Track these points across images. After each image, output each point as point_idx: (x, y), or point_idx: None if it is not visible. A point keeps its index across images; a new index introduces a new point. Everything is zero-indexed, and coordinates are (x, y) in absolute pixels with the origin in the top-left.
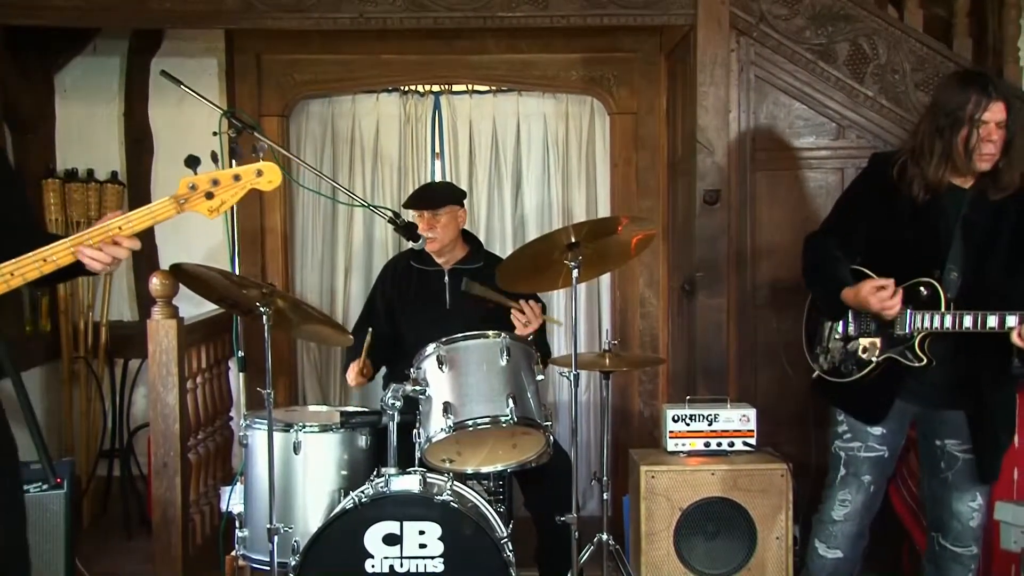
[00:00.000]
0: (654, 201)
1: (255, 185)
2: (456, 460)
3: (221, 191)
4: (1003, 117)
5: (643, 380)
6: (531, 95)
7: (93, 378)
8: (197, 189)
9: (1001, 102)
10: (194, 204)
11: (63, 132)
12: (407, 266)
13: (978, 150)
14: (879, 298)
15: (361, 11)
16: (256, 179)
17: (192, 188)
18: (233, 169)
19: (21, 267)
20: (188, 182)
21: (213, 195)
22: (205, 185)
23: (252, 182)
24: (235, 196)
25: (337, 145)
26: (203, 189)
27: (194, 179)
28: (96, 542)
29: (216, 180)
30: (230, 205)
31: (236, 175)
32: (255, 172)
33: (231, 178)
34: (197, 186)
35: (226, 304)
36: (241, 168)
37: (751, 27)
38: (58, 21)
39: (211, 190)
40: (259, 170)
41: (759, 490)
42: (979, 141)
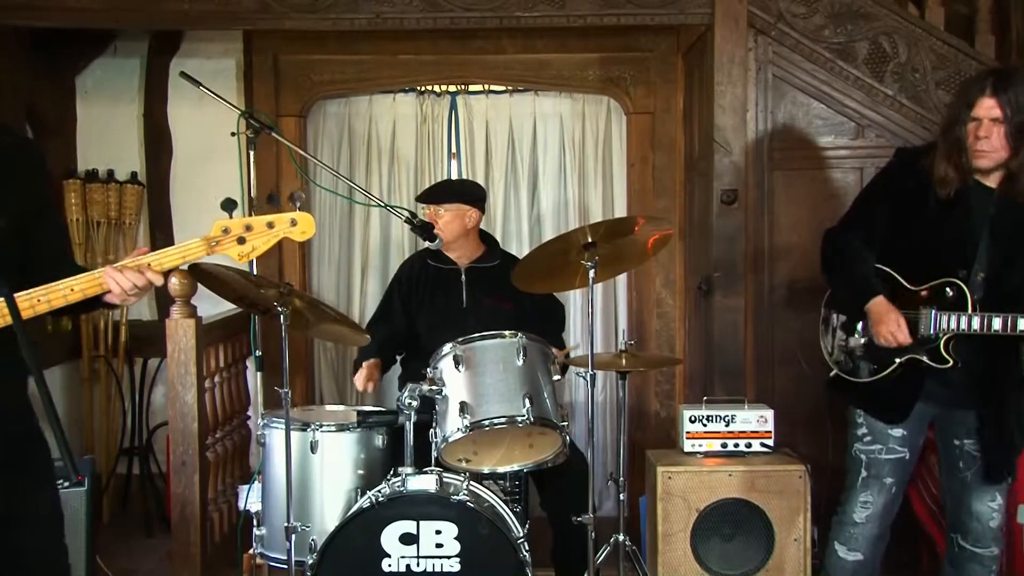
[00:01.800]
0: (671, 201)
1: (288, 234)
2: (472, 460)
3: (253, 237)
4: (997, 114)
5: (659, 380)
6: (547, 95)
7: (113, 377)
8: (230, 233)
9: (993, 99)
10: (225, 247)
11: (84, 133)
12: (424, 265)
13: (973, 146)
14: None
15: (378, 11)
16: (290, 228)
17: (225, 232)
18: (267, 216)
19: (49, 293)
20: (222, 225)
21: (245, 240)
22: (238, 230)
23: (285, 231)
24: (267, 244)
25: (354, 145)
26: (235, 234)
27: (228, 223)
28: (116, 539)
29: (249, 226)
30: (260, 252)
31: (270, 223)
32: (289, 221)
33: (264, 225)
34: (230, 230)
35: (244, 304)
36: (276, 216)
37: (769, 26)
38: (78, 22)
39: (243, 235)
40: (293, 219)
41: (777, 491)
42: (972, 137)
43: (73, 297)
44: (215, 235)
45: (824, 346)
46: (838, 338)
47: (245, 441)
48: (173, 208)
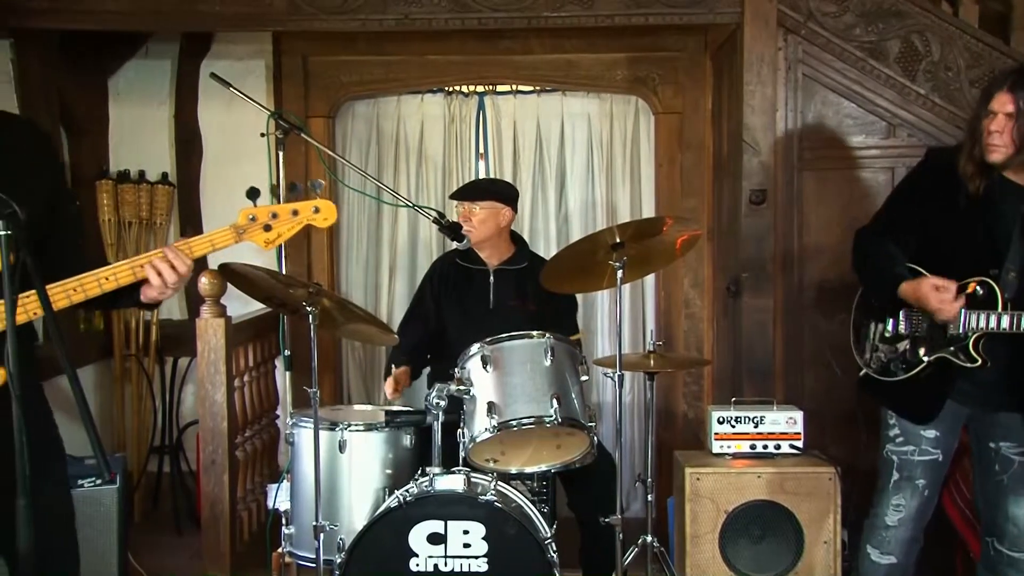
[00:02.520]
0: (699, 201)
1: (311, 221)
2: (500, 460)
3: (278, 224)
4: (1010, 109)
5: (687, 381)
6: (575, 95)
7: (144, 376)
8: (256, 221)
9: (1009, 94)
10: (252, 235)
11: (116, 134)
12: (453, 264)
13: (986, 139)
14: (939, 298)
15: (406, 12)
16: (313, 215)
17: (252, 219)
18: (292, 204)
19: (83, 283)
20: (248, 213)
21: (271, 227)
22: (264, 218)
23: (309, 218)
24: (291, 230)
25: (382, 145)
26: (262, 221)
27: (254, 211)
28: (147, 537)
29: (275, 214)
30: (285, 239)
31: (294, 210)
32: (312, 208)
33: (289, 212)
34: (256, 218)
35: (273, 303)
36: (299, 203)
37: (799, 25)
38: (113, 25)
39: (269, 223)
40: (316, 207)
41: (806, 493)
42: (985, 131)
43: (108, 286)
44: (242, 223)
45: (854, 346)
46: (868, 338)
47: (274, 440)
48: (203, 208)
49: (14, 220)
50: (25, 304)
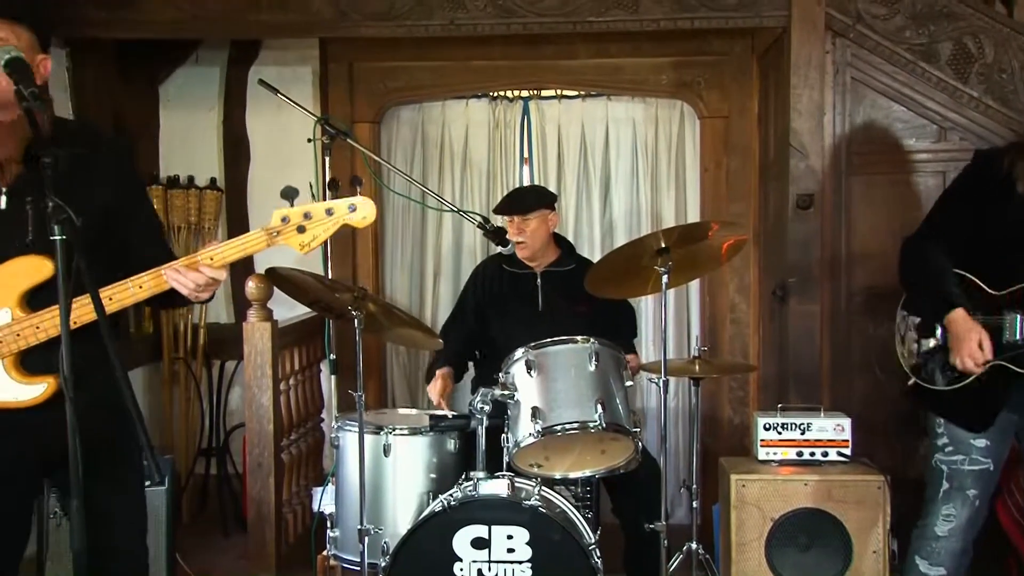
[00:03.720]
0: (745, 206)
1: (348, 220)
2: (544, 465)
3: (313, 225)
4: None
5: (733, 387)
6: (620, 100)
7: (192, 379)
8: (289, 222)
9: None
10: (286, 237)
11: (166, 140)
12: (498, 268)
13: None
14: (973, 352)
15: (452, 18)
16: (349, 214)
17: (284, 221)
18: (326, 203)
19: (116, 292)
20: (281, 214)
21: (305, 229)
22: (297, 219)
23: (345, 217)
24: (327, 231)
25: (427, 151)
26: (295, 223)
27: (287, 211)
28: (194, 538)
29: (308, 214)
30: (322, 241)
31: (329, 209)
32: (347, 207)
33: (323, 212)
34: (289, 219)
35: (319, 307)
36: (334, 202)
37: (848, 28)
38: (163, 34)
39: (303, 224)
40: (352, 204)
41: (854, 502)
42: None
43: (141, 295)
44: (275, 225)
45: (901, 353)
46: (915, 345)
47: (319, 443)
48: (250, 212)
49: (70, 226)
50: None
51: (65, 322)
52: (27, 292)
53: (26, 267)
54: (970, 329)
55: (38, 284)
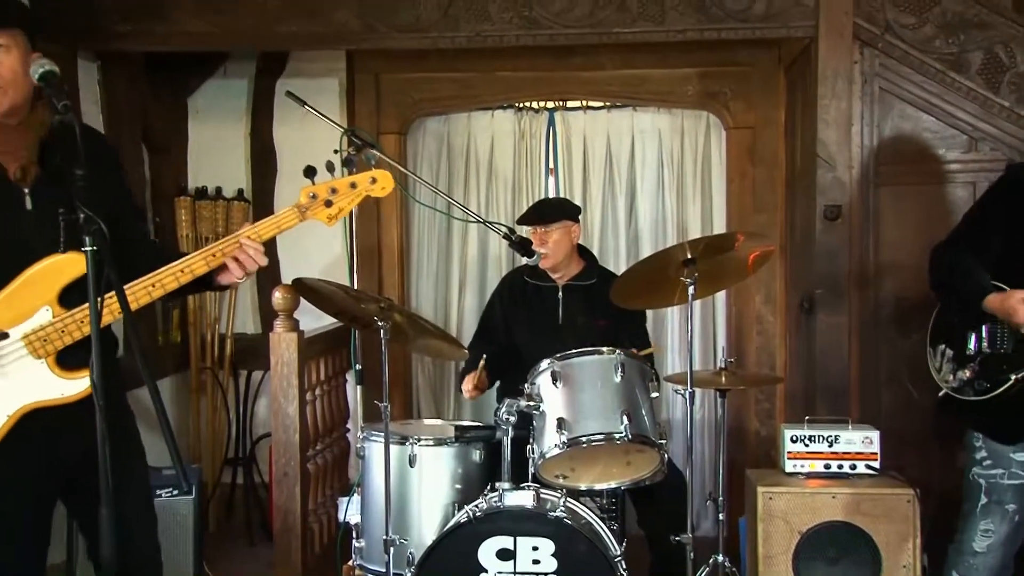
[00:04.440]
0: (771, 217)
1: (370, 192)
2: (570, 476)
3: (339, 199)
4: None
5: (759, 399)
6: (646, 110)
7: (219, 388)
8: (317, 198)
9: None
10: (315, 212)
11: (194, 152)
12: (522, 281)
13: None
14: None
15: (478, 30)
16: (370, 186)
17: (313, 197)
18: (349, 177)
19: (161, 279)
20: (309, 191)
21: (332, 203)
22: (324, 194)
23: (367, 188)
24: (351, 203)
25: (453, 162)
26: (323, 197)
27: (314, 188)
28: (220, 547)
29: (334, 188)
30: (347, 212)
31: (352, 183)
32: (369, 179)
33: (348, 186)
34: (317, 195)
35: (345, 318)
36: (356, 176)
37: (876, 38)
38: (196, 46)
39: (329, 198)
40: (373, 177)
41: (883, 515)
42: None
43: (184, 278)
44: (304, 202)
45: (932, 365)
46: (947, 357)
47: (344, 454)
48: None
49: (100, 237)
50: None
51: (96, 331)
52: (63, 290)
53: (59, 265)
54: (1008, 296)
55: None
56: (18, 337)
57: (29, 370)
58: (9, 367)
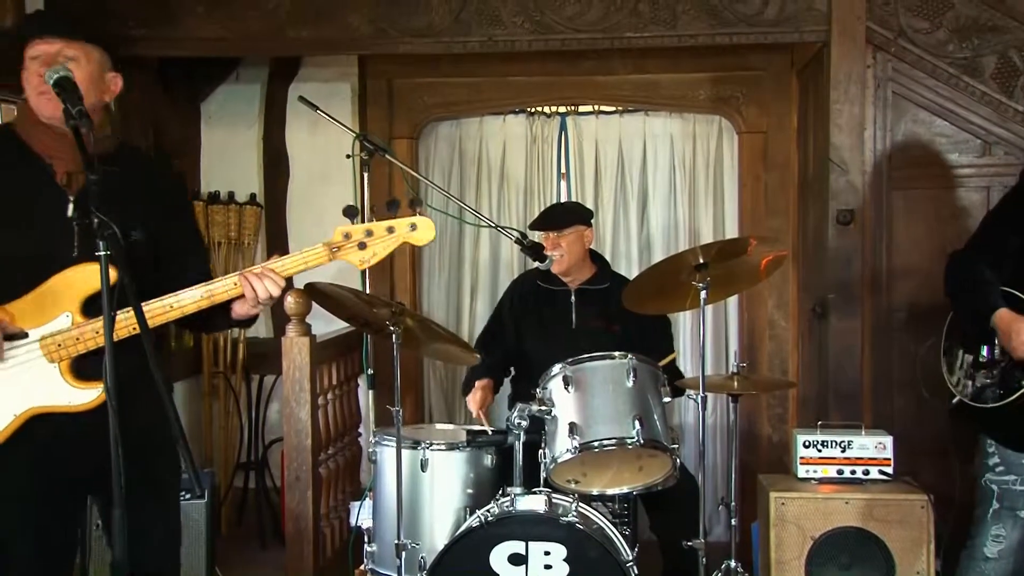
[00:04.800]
0: (784, 221)
1: (408, 239)
2: (581, 481)
3: (374, 242)
4: None
5: (772, 404)
6: (658, 115)
7: (231, 392)
8: (351, 239)
9: None
10: (346, 253)
11: (207, 156)
12: (533, 284)
13: None
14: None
15: (490, 35)
16: (409, 232)
17: (346, 237)
18: (387, 221)
19: (180, 300)
20: (343, 231)
21: (365, 246)
22: (359, 235)
23: (405, 236)
24: (387, 248)
25: (464, 166)
26: (356, 239)
27: (349, 228)
28: (233, 550)
29: (370, 231)
30: (381, 257)
31: (390, 227)
32: (409, 226)
33: (385, 230)
34: (351, 235)
35: (357, 322)
36: (396, 220)
37: (889, 42)
38: (205, 51)
39: (364, 240)
40: (413, 223)
41: (897, 521)
42: None
43: (204, 303)
44: (337, 241)
45: (946, 372)
46: (961, 363)
47: (356, 458)
48: (289, 228)
49: (114, 241)
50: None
51: (109, 334)
52: (86, 298)
53: (86, 274)
54: (1015, 319)
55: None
56: (35, 339)
57: (41, 374)
58: (23, 367)
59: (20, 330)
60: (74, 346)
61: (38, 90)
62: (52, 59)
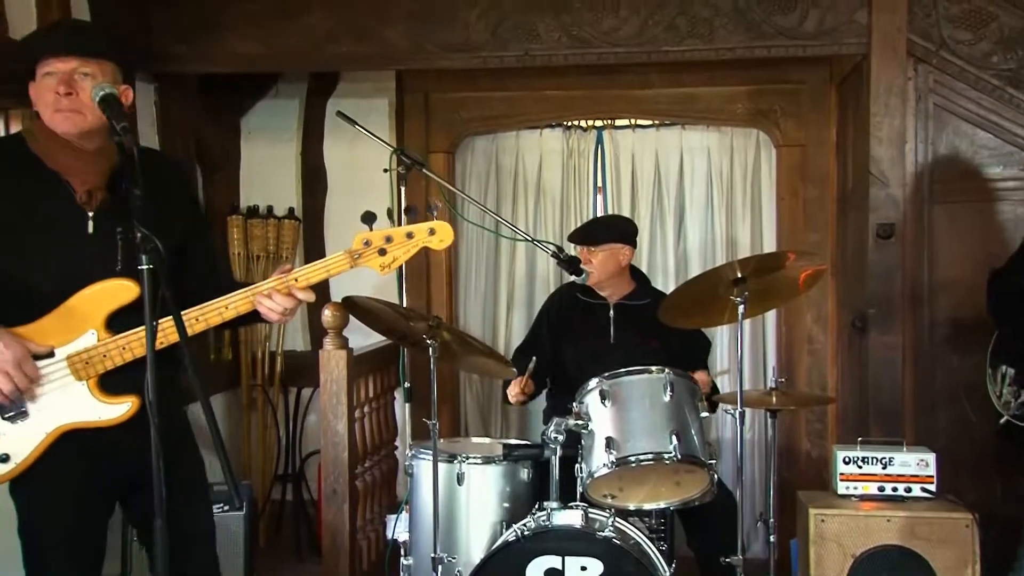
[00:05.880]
0: (822, 235)
1: (427, 244)
2: (618, 496)
3: (394, 248)
4: None
5: (810, 419)
6: (695, 129)
7: (269, 405)
8: (371, 245)
9: None
10: (367, 259)
11: (246, 171)
12: (573, 297)
13: None
14: None
15: (526, 49)
16: (428, 237)
17: (366, 244)
18: (406, 227)
19: (205, 313)
20: (363, 238)
21: (386, 251)
22: (378, 242)
23: (424, 240)
24: (407, 253)
25: (501, 180)
26: (376, 245)
27: (368, 235)
28: (270, 563)
29: (389, 237)
30: (401, 262)
31: (409, 233)
32: (427, 231)
33: (404, 235)
34: (371, 242)
35: (394, 336)
36: (414, 226)
37: (930, 54)
38: (246, 67)
39: (384, 247)
40: (431, 228)
41: (941, 540)
42: None
43: (228, 315)
44: (357, 248)
45: (992, 390)
46: (1008, 383)
47: (393, 471)
48: (327, 241)
49: (156, 255)
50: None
51: (151, 348)
52: (110, 314)
53: (111, 290)
54: None
55: (121, 307)
56: (62, 358)
57: (70, 392)
58: (51, 386)
59: (47, 349)
60: (101, 363)
61: (53, 107)
62: (68, 76)
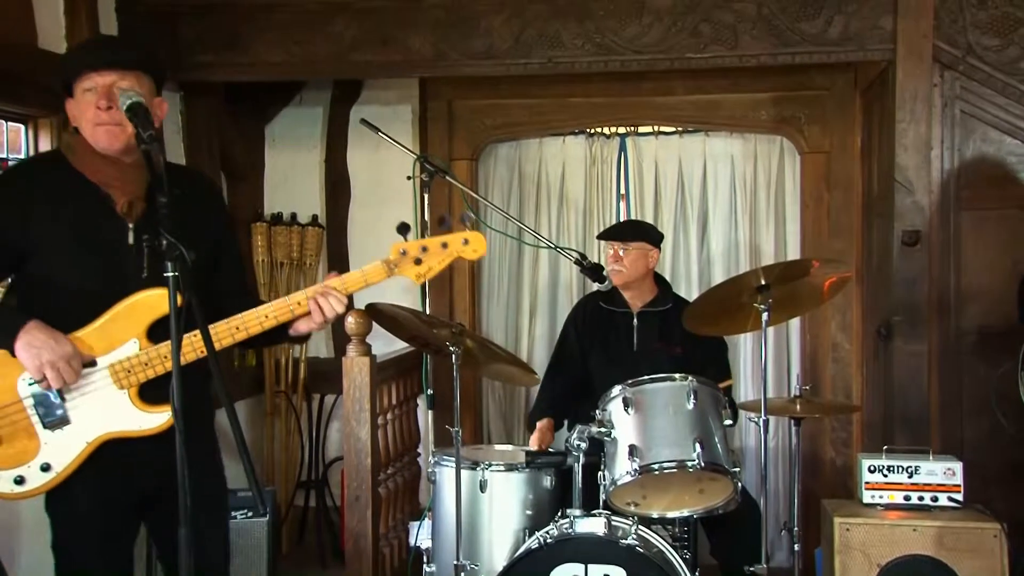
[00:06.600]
0: (847, 242)
1: (461, 253)
2: (641, 504)
3: (429, 258)
4: None
5: (835, 427)
6: (718, 135)
7: (292, 412)
8: (407, 255)
9: None
10: (404, 269)
11: (271, 178)
12: (596, 307)
13: None
14: None
15: (550, 56)
16: (462, 247)
17: (403, 254)
18: (441, 237)
19: (246, 321)
20: (399, 248)
21: (421, 261)
22: (415, 251)
23: (459, 250)
24: (442, 263)
25: (524, 187)
26: (412, 255)
27: (405, 245)
28: (293, 569)
29: (425, 247)
30: (436, 272)
31: (444, 243)
32: (462, 240)
33: (439, 245)
34: (407, 252)
35: (417, 343)
36: (449, 236)
37: (957, 60)
38: (270, 76)
39: (420, 256)
40: (466, 239)
41: (968, 550)
42: None
43: (268, 324)
44: (394, 258)
45: None
46: None
47: (415, 478)
48: (350, 249)
49: (182, 263)
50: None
51: (176, 357)
52: (152, 324)
53: (152, 300)
54: None
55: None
56: (104, 366)
57: (112, 400)
58: (94, 395)
59: (90, 357)
60: (143, 371)
61: (94, 121)
62: (107, 90)
